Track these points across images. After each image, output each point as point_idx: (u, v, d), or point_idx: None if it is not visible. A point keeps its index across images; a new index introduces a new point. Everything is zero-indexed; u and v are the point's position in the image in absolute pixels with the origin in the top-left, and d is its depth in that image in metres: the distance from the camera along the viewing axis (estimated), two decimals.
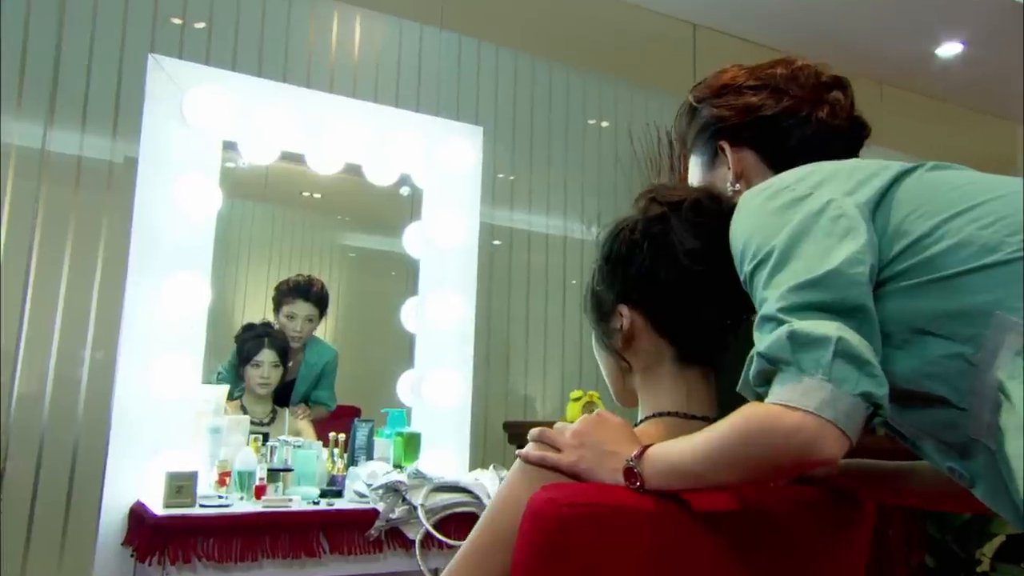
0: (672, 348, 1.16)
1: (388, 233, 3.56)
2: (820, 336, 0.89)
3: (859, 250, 0.96)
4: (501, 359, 3.82)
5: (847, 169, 1.08)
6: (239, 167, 3.07)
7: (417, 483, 2.46)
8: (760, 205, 1.06)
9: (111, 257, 2.97)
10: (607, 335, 1.22)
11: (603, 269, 1.22)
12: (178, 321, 2.66)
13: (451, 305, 3.16)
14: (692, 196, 1.19)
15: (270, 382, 3.15)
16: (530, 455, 1.08)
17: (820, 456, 0.87)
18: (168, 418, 2.60)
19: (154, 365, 2.60)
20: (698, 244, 1.14)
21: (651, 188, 1.23)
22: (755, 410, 0.92)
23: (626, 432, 1.08)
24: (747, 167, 1.30)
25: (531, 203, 4.02)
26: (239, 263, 3.78)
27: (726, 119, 1.31)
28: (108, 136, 3.07)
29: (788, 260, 0.97)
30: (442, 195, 3.22)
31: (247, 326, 3.29)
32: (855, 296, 0.93)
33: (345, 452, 2.87)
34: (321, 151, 3.04)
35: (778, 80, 1.30)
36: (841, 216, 0.99)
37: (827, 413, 0.86)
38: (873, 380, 0.89)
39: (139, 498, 2.49)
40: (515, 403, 3.84)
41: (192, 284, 2.69)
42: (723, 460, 0.93)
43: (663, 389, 1.17)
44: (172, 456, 2.53)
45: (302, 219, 3.95)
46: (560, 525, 0.95)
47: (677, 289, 1.15)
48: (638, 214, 1.21)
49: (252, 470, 2.58)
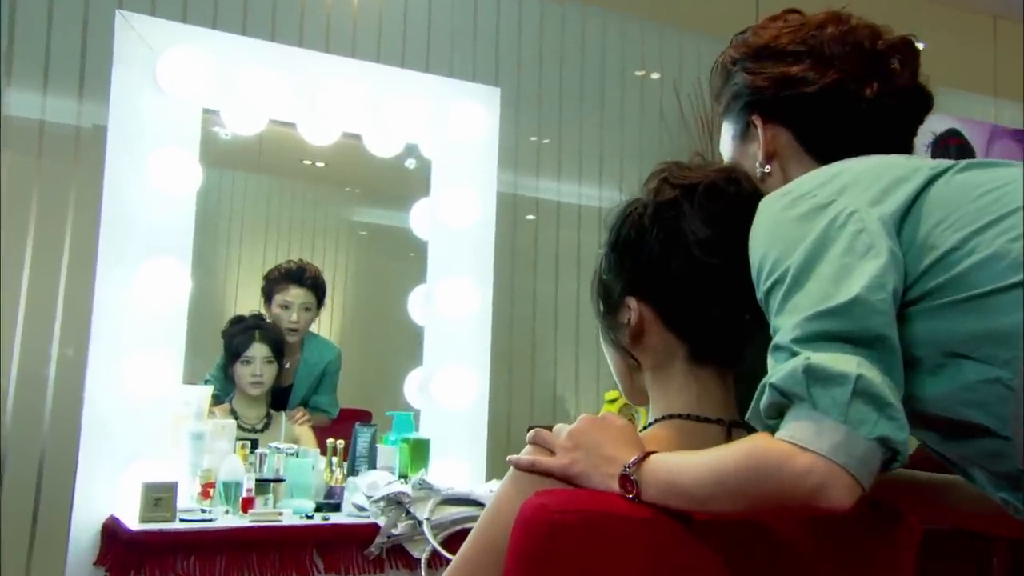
0: (684, 345, 1.20)
1: (398, 210, 3.60)
2: (838, 373, 0.93)
3: (880, 273, 0.98)
4: (525, 353, 3.87)
5: (876, 172, 1.11)
6: (226, 132, 3.13)
7: (423, 495, 2.52)
8: (778, 214, 1.09)
9: (79, 240, 3.05)
10: (614, 329, 1.26)
11: (610, 256, 1.26)
12: (156, 313, 2.74)
13: (464, 293, 3.22)
14: (708, 179, 1.21)
15: (263, 380, 3.22)
16: (520, 460, 1.13)
17: (828, 504, 0.91)
18: (145, 422, 2.68)
19: (129, 363, 2.68)
20: (711, 233, 1.17)
21: (665, 166, 1.26)
22: (765, 444, 0.96)
23: (627, 435, 1.12)
24: (780, 148, 1.31)
25: (560, 171, 4.04)
26: (230, 245, 3.82)
27: (761, 90, 1.31)
28: (73, 98, 3.14)
29: (804, 281, 1.00)
30: (453, 167, 3.27)
31: (235, 319, 3.37)
32: (876, 326, 0.96)
33: (345, 461, 2.94)
34: (315, 119, 3.10)
35: (825, 45, 1.28)
36: (862, 231, 1.02)
37: (840, 457, 0.91)
38: (892, 424, 0.93)
39: (113, 512, 2.57)
40: (542, 404, 3.90)
41: (171, 271, 2.76)
42: (724, 491, 0.98)
43: (674, 389, 1.20)
44: (149, 465, 2.61)
45: (303, 192, 3.98)
46: (551, 532, 1.01)
47: (688, 282, 1.18)
48: (649, 196, 1.24)
49: (239, 480, 2.65)
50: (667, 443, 1.13)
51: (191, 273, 2.82)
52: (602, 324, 1.29)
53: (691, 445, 1.11)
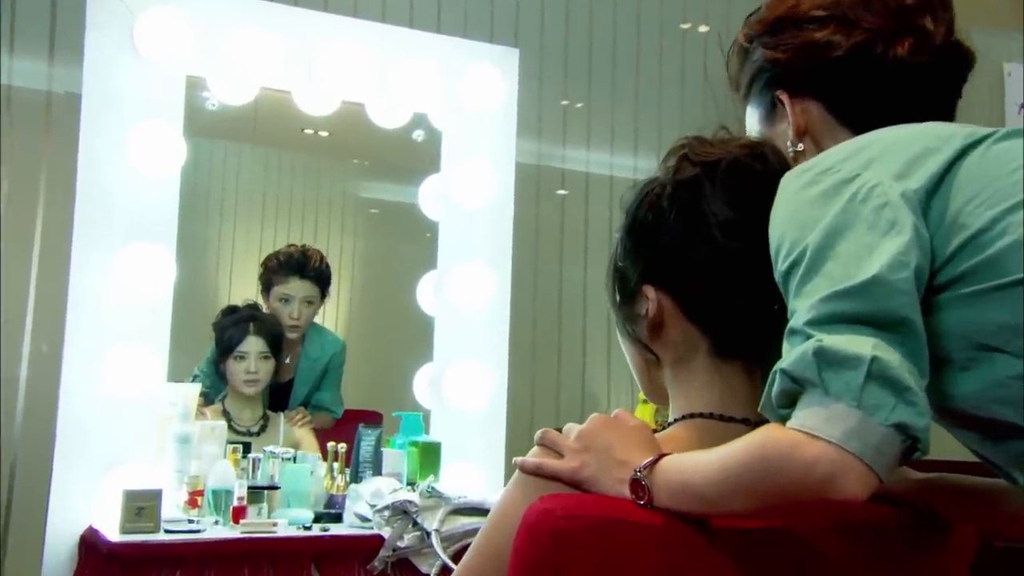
0: (707, 338, 1.22)
1: (406, 187, 3.62)
2: (852, 355, 0.95)
3: (902, 250, 1.00)
4: (549, 347, 3.88)
5: (905, 142, 1.12)
6: (213, 102, 3.16)
7: (432, 504, 2.54)
8: (799, 192, 1.11)
9: (52, 223, 3.07)
10: (630, 321, 1.28)
11: (625, 241, 1.28)
12: (138, 304, 2.78)
13: (479, 279, 3.24)
14: (731, 155, 1.24)
15: (259, 378, 3.25)
16: (526, 462, 1.16)
17: (840, 494, 0.93)
18: (126, 424, 2.73)
19: (108, 359, 2.72)
20: (734, 215, 1.19)
21: (685, 141, 1.28)
22: (774, 434, 0.99)
23: (642, 436, 1.15)
24: (811, 122, 1.33)
25: (589, 139, 4.02)
26: (223, 226, 3.83)
27: (783, 62, 1.33)
28: (43, 61, 3.15)
29: (822, 261, 1.02)
30: (466, 139, 3.29)
31: (228, 309, 3.39)
32: (897, 307, 0.98)
33: (347, 466, 2.97)
34: (312, 87, 3.14)
35: (848, 6, 1.31)
36: (885, 206, 1.03)
37: (852, 446, 0.93)
38: (911, 409, 0.94)
39: (91, 523, 2.62)
40: (570, 404, 3.91)
41: (154, 257, 2.80)
42: (733, 487, 1.01)
43: (696, 386, 1.23)
44: (131, 471, 2.65)
45: (304, 165, 4.00)
46: (555, 539, 1.03)
47: (710, 269, 1.20)
48: (668, 175, 1.27)
49: (229, 488, 2.69)
50: (687, 445, 1.15)
51: (176, 259, 2.86)
52: (617, 315, 1.31)
53: (713, 447, 1.12)
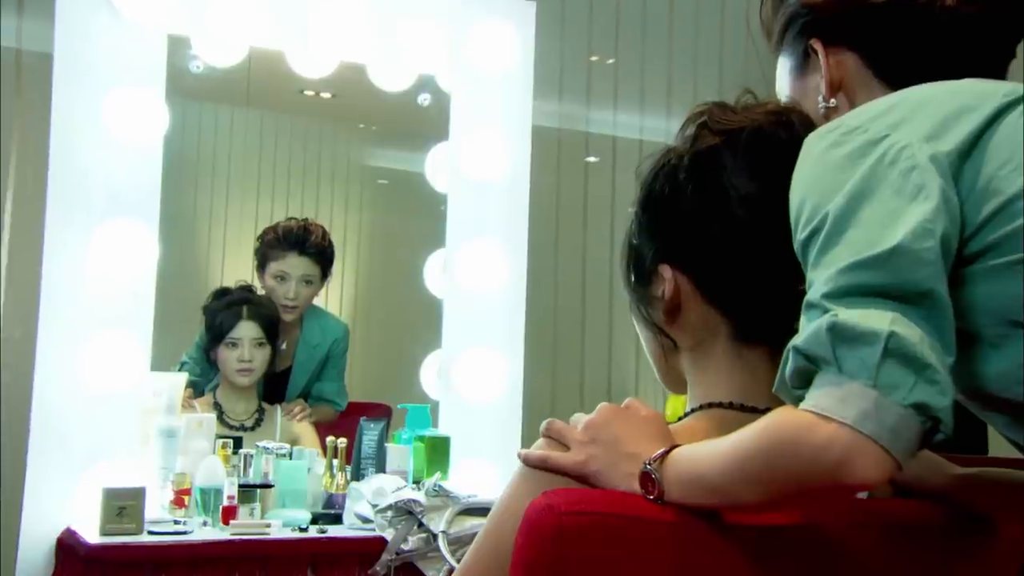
0: (727, 322, 1.24)
1: (413, 155, 3.62)
2: (868, 330, 0.96)
3: (928, 217, 1.01)
4: (571, 332, 3.89)
5: (939, 100, 1.12)
6: (198, 64, 3.17)
7: (438, 503, 2.54)
8: (822, 153, 1.11)
9: (23, 198, 3.11)
10: (645, 303, 1.30)
11: (641, 216, 1.30)
12: (117, 287, 2.81)
13: (492, 258, 3.25)
14: (754, 123, 1.24)
15: (253, 367, 3.27)
16: (530, 455, 1.18)
17: (853, 479, 0.95)
18: (106, 417, 2.76)
19: (86, 347, 2.75)
20: (757, 189, 1.20)
21: (705, 108, 1.28)
22: (785, 417, 1.00)
23: (654, 428, 1.17)
24: (847, 75, 1.33)
25: (617, 99, 4.01)
26: (214, 199, 3.84)
27: (819, 8, 1.35)
28: (12, 15, 3.17)
29: (844, 229, 1.03)
30: (477, 103, 3.29)
31: (218, 292, 3.42)
32: (920, 279, 0.99)
33: (348, 463, 2.99)
34: (307, 47, 3.15)
35: None
36: (913, 169, 1.04)
37: (867, 427, 0.94)
38: (931, 388, 0.95)
39: (69, 524, 2.66)
40: (594, 395, 3.89)
41: (134, 235, 2.83)
42: (742, 475, 1.02)
43: (716, 374, 1.25)
44: (112, 468, 2.69)
45: (303, 130, 4.01)
46: (558, 537, 1.05)
47: (731, 247, 1.21)
48: (686, 144, 1.27)
49: (219, 486, 2.72)
50: (703, 437, 1.15)
51: (159, 236, 2.88)
52: (632, 297, 1.32)
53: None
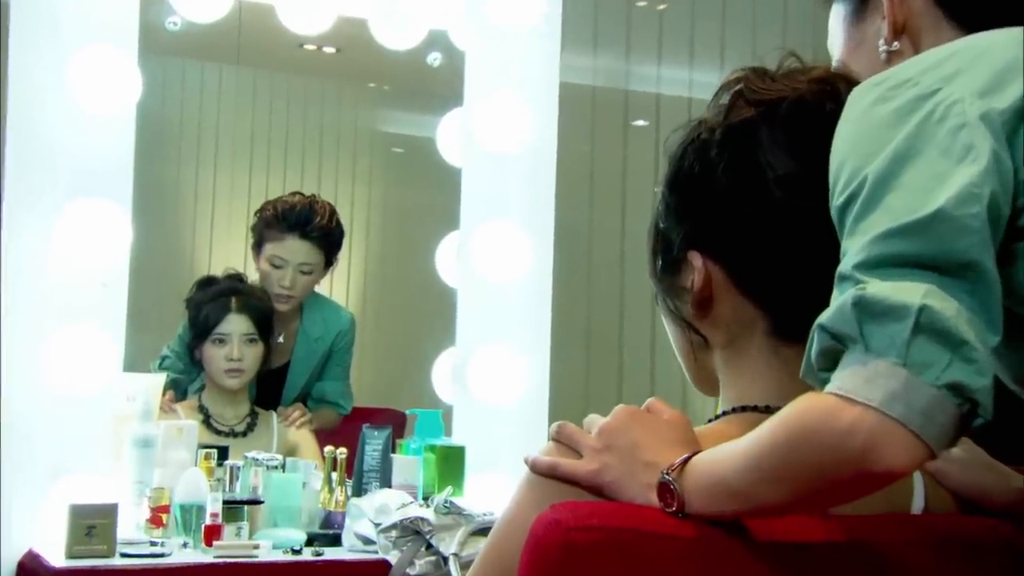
0: (764, 316, 1.26)
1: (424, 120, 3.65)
2: (898, 304, 0.98)
3: (975, 181, 1.02)
4: (606, 328, 3.91)
5: (1002, 46, 1.14)
6: (175, 20, 3.20)
7: (449, 522, 2.55)
8: (867, 109, 1.13)
9: None
10: (673, 294, 1.32)
11: (668, 198, 1.32)
12: (85, 276, 2.83)
13: (512, 243, 3.26)
14: (796, 93, 1.25)
15: (243, 367, 3.30)
16: (538, 461, 1.20)
17: (880, 467, 0.97)
18: (74, 425, 2.78)
19: (50, 345, 2.77)
20: (797, 167, 1.22)
21: (742, 74, 1.30)
22: (807, 403, 1.03)
23: (677, 433, 1.19)
24: (913, 16, 1.36)
25: (661, 51, 4.01)
26: (199, 173, 3.89)
27: None
28: None
29: (884, 193, 1.05)
30: (496, 63, 3.30)
31: (203, 281, 3.45)
32: (963, 248, 1.01)
33: (349, 477, 3.02)
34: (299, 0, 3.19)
35: None
36: (963, 127, 1.05)
37: (895, 409, 0.96)
38: (968, 367, 0.97)
39: (31, 545, 2.69)
40: (632, 399, 3.91)
41: (104, 217, 2.85)
42: (762, 474, 1.04)
43: (750, 374, 1.28)
44: (80, 482, 2.71)
45: (303, 92, 4.05)
46: (565, 555, 1.07)
47: (768, 232, 1.23)
48: (719, 116, 1.28)
49: (201, 503, 2.75)
50: None
51: (132, 218, 2.89)
52: (659, 287, 1.35)
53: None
